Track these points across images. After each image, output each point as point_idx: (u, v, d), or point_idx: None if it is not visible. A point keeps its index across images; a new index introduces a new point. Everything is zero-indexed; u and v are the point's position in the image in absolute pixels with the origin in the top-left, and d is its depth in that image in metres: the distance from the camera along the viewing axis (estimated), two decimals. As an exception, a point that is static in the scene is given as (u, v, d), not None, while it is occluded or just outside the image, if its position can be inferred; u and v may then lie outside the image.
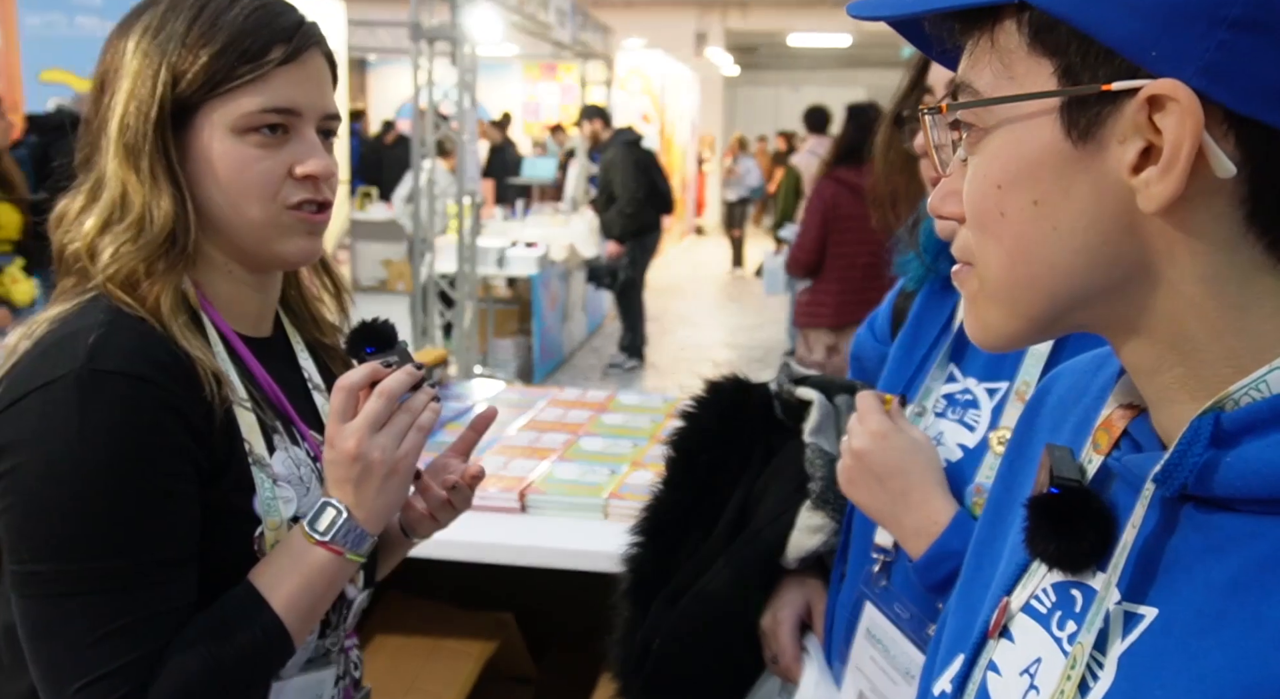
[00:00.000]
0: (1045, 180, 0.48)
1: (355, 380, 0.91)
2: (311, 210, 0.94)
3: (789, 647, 1.14)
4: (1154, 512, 0.49)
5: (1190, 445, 0.46)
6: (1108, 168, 0.47)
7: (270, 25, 0.90)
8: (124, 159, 0.88)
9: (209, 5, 0.89)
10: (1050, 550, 0.53)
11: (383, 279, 8.93)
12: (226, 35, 0.88)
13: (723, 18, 14.47)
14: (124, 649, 0.82)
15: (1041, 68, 0.48)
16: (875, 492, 0.97)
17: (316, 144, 0.93)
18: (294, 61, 0.91)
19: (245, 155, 0.90)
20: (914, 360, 1.09)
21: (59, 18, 7.60)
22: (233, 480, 0.90)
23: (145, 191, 0.88)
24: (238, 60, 0.88)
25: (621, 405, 2.42)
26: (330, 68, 0.97)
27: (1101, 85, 0.45)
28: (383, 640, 1.98)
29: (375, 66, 13.25)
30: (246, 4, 0.90)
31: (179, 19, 0.89)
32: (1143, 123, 0.45)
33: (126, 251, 0.88)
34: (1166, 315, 0.48)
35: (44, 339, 0.86)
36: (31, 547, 0.83)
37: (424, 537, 1.12)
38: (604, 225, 6.54)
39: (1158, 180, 0.45)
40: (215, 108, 0.89)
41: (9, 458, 0.83)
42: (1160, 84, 0.44)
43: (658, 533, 1.22)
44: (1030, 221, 0.49)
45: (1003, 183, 0.49)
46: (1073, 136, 0.47)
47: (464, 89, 5.40)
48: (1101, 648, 0.49)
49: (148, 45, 0.89)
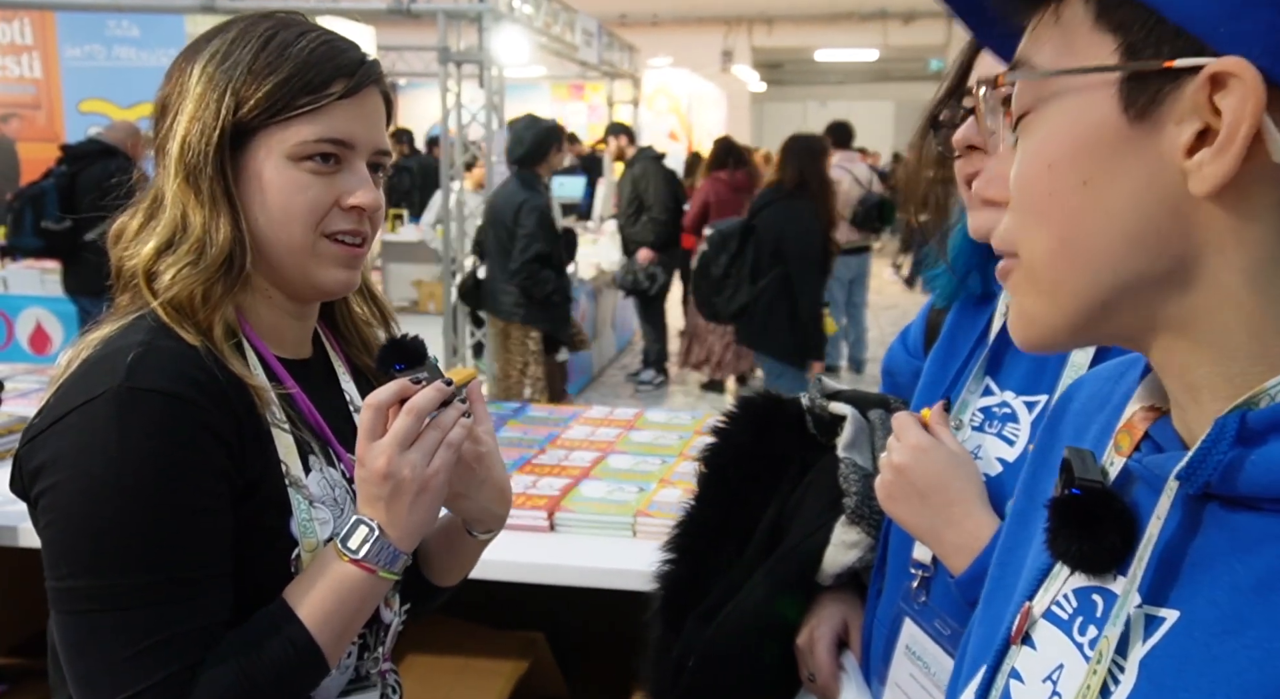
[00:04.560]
0: (1098, 159, 0.47)
1: (384, 398, 0.91)
2: (353, 243, 0.95)
3: (827, 664, 1.13)
4: (1177, 511, 0.49)
5: (1215, 442, 0.45)
6: (1162, 149, 0.46)
7: (334, 60, 0.92)
8: (184, 180, 0.90)
9: (277, 36, 0.92)
10: (1072, 551, 0.52)
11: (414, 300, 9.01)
12: (292, 66, 0.91)
13: (749, 34, 14.53)
14: (159, 664, 0.83)
15: (1104, 44, 0.47)
16: (916, 507, 0.95)
17: (366, 177, 0.95)
18: (353, 96, 0.93)
19: (297, 181, 0.92)
20: (949, 373, 1.08)
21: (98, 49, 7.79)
22: (266, 501, 0.90)
23: (205, 214, 0.90)
24: (300, 90, 0.90)
25: (650, 423, 2.41)
26: (387, 106, 0.99)
27: (1165, 61, 0.45)
28: (414, 660, 1.97)
29: (405, 90, 13.43)
30: (313, 38, 0.93)
31: (247, 48, 0.91)
32: (1202, 102, 0.44)
33: (186, 275, 0.89)
34: (1205, 310, 0.47)
35: (89, 359, 0.88)
36: (69, 563, 0.84)
37: (488, 528, 1.07)
38: (632, 237, 6.57)
39: (1211, 160, 0.44)
40: (273, 134, 0.91)
41: (50, 475, 0.84)
42: (1226, 61, 0.43)
43: (690, 550, 1.21)
44: (1079, 202, 0.48)
45: (1054, 161, 0.49)
46: (1130, 114, 0.46)
47: (492, 111, 5.45)
48: (1123, 652, 0.49)
49: (214, 71, 0.91)
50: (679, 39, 13.63)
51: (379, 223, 0.98)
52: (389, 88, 0.99)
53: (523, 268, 4.30)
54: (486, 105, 5.44)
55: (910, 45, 14.23)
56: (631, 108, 10.00)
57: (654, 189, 6.47)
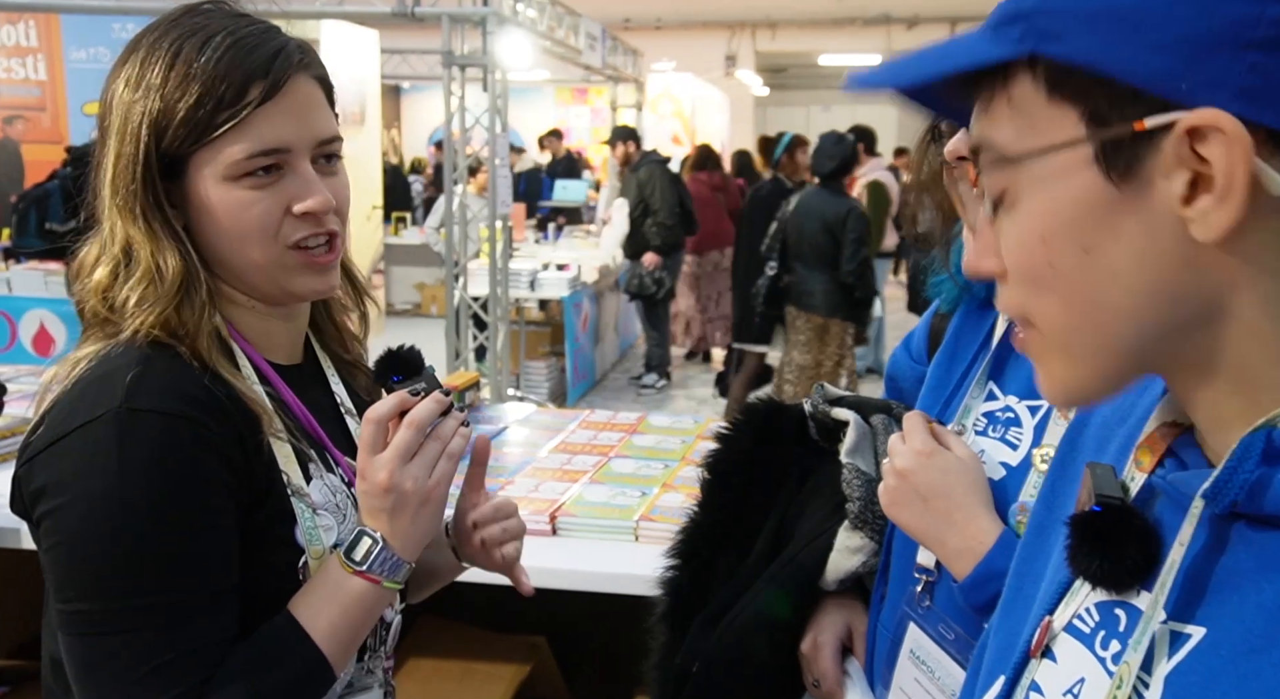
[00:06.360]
0: (1092, 226, 0.46)
1: (384, 412, 0.90)
2: (319, 250, 0.92)
3: (831, 670, 1.12)
4: (1203, 529, 0.48)
5: (1241, 461, 0.45)
6: (1155, 204, 0.45)
7: (243, 65, 0.87)
8: (121, 213, 0.88)
9: (183, 51, 0.87)
10: (1093, 569, 0.52)
11: (416, 303, 9.02)
12: (200, 85, 0.85)
13: (752, 39, 14.53)
14: (168, 684, 0.82)
15: (1065, 115, 0.46)
16: (919, 512, 0.95)
17: (312, 178, 0.91)
18: (274, 98, 0.87)
19: (240, 200, 0.88)
20: (953, 379, 1.08)
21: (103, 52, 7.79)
22: (272, 512, 0.90)
23: (149, 245, 0.88)
24: (215, 108, 0.86)
25: (652, 427, 2.41)
26: (323, 87, 0.93)
27: (1135, 123, 0.44)
28: (416, 664, 1.97)
29: (408, 93, 13.46)
30: (219, 43, 0.87)
31: (155, 69, 0.87)
32: (1185, 154, 0.43)
33: (150, 298, 0.87)
34: (1227, 344, 0.47)
35: (82, 378, 0.86)
36: (76, 586, 0.83)
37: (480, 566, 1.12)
38: (637, 240, 6.58)
39: (1215, 209, 0.43)
40: (203, 157, 0.87)
41: (52, 498, 0.83)
42: (1200, 115, 0.42)
43: (693, 555, 1.21)
44: (1084, 270, 0.47)
45: (1047, 235, 0.47)
46: (1113, 179, 0.45)
47: (495, 114, 5.45)
48: (1147, 668, 0.49)
49: (130, 99, 0.87)
50: (683, 43, 13.64)
51: (345, 213, 0.94)
52: (321, 69, 0.93)
53: (856, 268, 4.82)
54: (490, 109, 5.45)
55: (914, 50, 14.17)
56: (635, 112, 10.00)
57: (660, 193, 6.48)
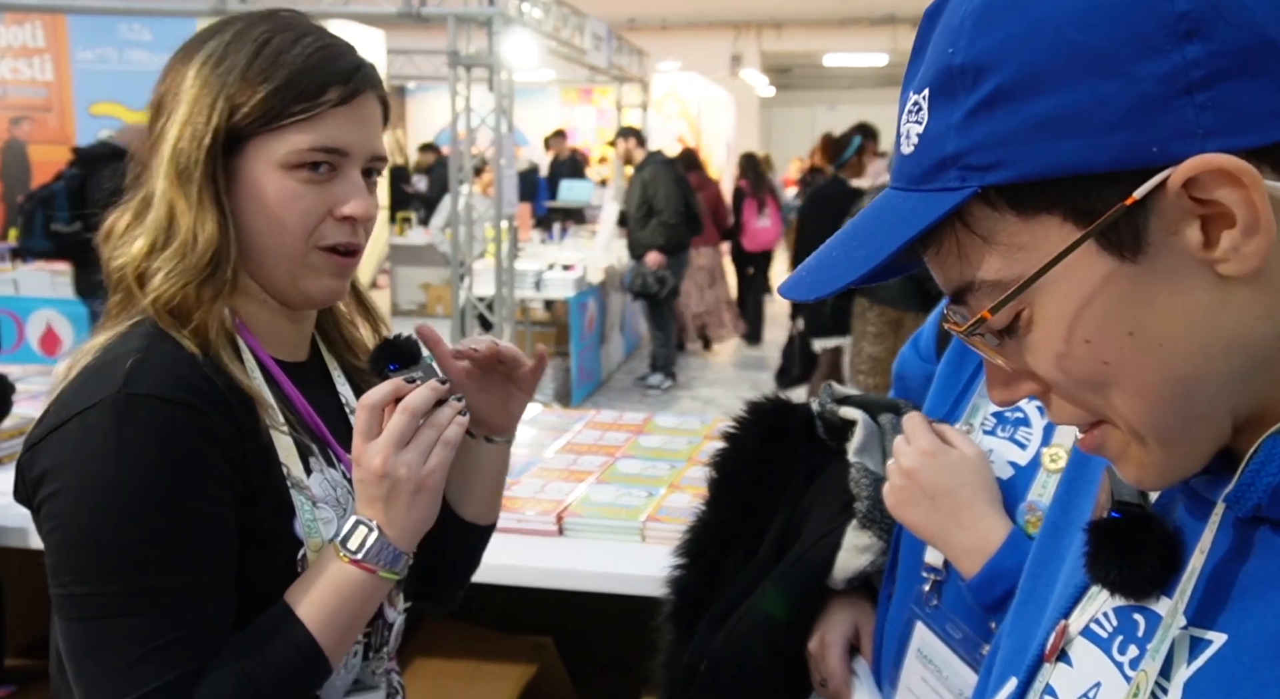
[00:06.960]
0: (1127, 308, 0.45)
1: (378, 398, 0.90)
2: (345, 253, 0.95)
3: (838, 670, 1.12)
4: (1225, 534, 0.48)
5: (1265, 464, 0.45)
6: (1174, 261, 0.44)
7: (329, 67, 0.91)
8: (173, 181, 0.90)
9: (273, 41, 0.90)
10: (1112, 576, 0.51)
11: (422, 302, 9.02)
12: (286, 73, 0.89)
13: (758, 39, 14.53)
14: (162, 670, 0.82)
15: (1046, 224, 0.45)
16: (926, 511, 0.94)
17: (360, 185, 0.94)
18: (348, 104, 0.91)
19: (290, 189, 0.91)
20: (962, 378, 1.07)
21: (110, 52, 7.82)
22: (271, 504, 0.90)
23: (191, 214, 0.89)
24: (294, 98, 0.89)
25: (659, 427, 2.40)
26: (384, 110, 0.98)
27: (1125, 200, 0.43)
28: (422, 664, 1.97)
29: (414, 93, 13.46)
30: (309, 43, 0.91)
31: (242, 52, 0.90)
32: (1188, 205, 0.43)
33: (175, 274, 0.89)
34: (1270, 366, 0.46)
35: (88, 366, 0.88)
36: (72, 570, 0.84)
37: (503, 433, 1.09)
38: (641, 240, 6.58)
39: (1246, 241, 0.43)
40: (267, 141, 0.90)
41: (51, 483, 0.84)
42: (1191, 165, 0.42)
43: (701, 555, 1.20)
44: (1138, 353, 0.46)
45: (1089, 335, 0.47)
46: (1126, 257, 0.45)
47: (501, 114, 5.46)
48: (1166, 674, 0.48)
49: (208, 74, 0.90)
50: (688, 43, 13.64)
51: (371, 229, 0.97)
52: (385, 93, 0.98)
53: None
54: (496, 109, 5.45)
55: (919, 50, 14.14)
56: (640, 112, 10.00)
57: (664, 193, 6.48)
